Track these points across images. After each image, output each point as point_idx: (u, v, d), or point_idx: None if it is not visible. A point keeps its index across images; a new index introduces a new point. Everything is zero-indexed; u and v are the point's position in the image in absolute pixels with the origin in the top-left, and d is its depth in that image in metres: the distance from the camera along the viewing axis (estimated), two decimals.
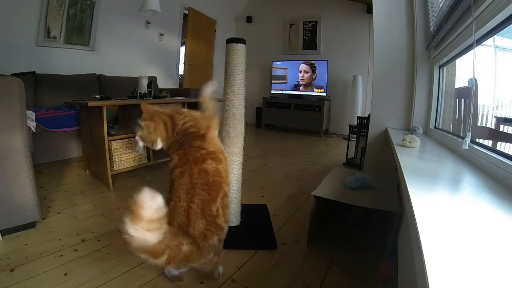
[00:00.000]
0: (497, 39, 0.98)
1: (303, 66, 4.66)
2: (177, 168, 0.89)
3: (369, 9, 4.14)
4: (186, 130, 0.93)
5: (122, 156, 1.91)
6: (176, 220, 0.83)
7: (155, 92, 2.29)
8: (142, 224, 0.63)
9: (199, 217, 0.82)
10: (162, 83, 4.05)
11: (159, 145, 0.96)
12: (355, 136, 2.68)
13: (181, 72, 4.76)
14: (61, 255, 1.10)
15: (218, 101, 1.12)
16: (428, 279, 0.30)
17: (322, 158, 2.99)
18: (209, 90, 1.03)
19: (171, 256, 0.71)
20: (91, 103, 1.70)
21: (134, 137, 1.00)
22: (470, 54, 1.18)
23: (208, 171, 0.87)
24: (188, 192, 0.83)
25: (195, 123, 0.95)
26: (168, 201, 0.84)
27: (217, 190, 0.87)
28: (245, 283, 1.00)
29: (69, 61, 3.09)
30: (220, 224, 0.88)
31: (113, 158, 1.85)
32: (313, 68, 4.57)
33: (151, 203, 0.63)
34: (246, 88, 1.33)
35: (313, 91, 4.60)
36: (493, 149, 0.87)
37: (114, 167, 1.86)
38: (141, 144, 0.98)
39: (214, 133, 1.00)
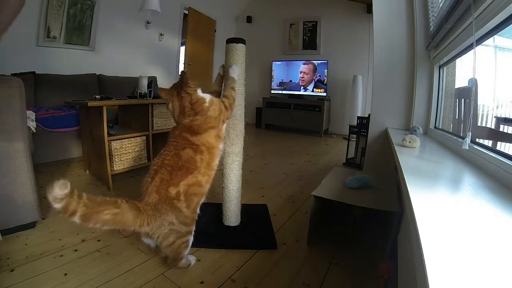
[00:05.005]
0: (497, 39, 0.98)
1: (303, 66, 4.66)
2: (164, 149, 1.01)
3: (369, 9, 4.14)
4: (190, 122, 1.01)
5: (122, 156, 1.91)
6: (143, 183, 0.97)
7: (155, 92, 2.28)
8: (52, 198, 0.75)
9: (154, 191, 0.93)
10: (162, 83, 4.04)
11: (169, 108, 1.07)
12: (355, 136, 2.68)
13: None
14: (61, 255, 1.10)
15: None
16: (428, 279, 0.30)
17: (322, 158, 2.99)
18: (235, 73, 1.15)
19: (86, 216, 0.78)
20: (91, 103, 1.70)
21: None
22: (470, 54, 1.18)
23: (181, 156, 0.97)
24: (155, 170, 0.96)
25: (201, 123, 1.02)
26: None
27: (182, 174, 0.96)
28: (245, 283, 1.00)
29: (69, 61, 3.09)
30: (178, 207, 0.95)
31: (113, 158, 1.85)
32: (313, 68, 4.57)
33: (55, 190, 0.73)
34: (246, 88, 1.33)
35: (313, 91, 4.60)
36: (493, 149, 0.87)
37: (114, 167, 1.86)
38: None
39: (212, 132, 1.04)
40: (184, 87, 1.01)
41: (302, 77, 4.68)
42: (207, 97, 1.05)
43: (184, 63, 4.64)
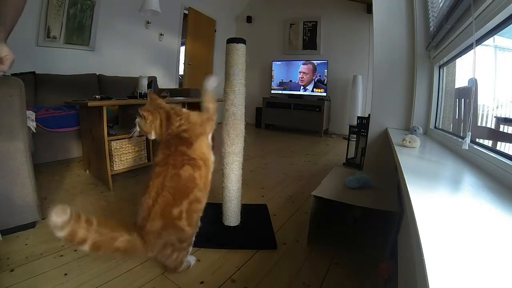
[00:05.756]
0: (497, 39, 0.98)
1: (302, 67, 4.66)
2: (158, 166, 0.95)
3: (369, 9, 4.14)
4: (178, 134, 0.97)
5: (122, 156, 1.91)
6: (139, 213, 0.90)
7: (155, 92, 2.28)
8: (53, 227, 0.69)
9: (158, 216, 0.88)
10: (162, 83, 4.05)
11: (153, 136, 1.02)
12: (355, 136, 2.68)
13: (181, 72, 4.76)
14: (61, 255, 1.10)
15: (218, 101, 1.13)
16: (428, 279, 0.30)
17: (322, 158, 2.99)
18: (212, 85, 1.06)
19: (97, 244, 0.74)
20: (91, 103, 1.70)
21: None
22: (470, 54, 1.18)
23: (181, 176, 0.93)
24: (157, 192, 0.90)
25: (189, 129, 0.98)
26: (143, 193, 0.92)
27: (184, 194, 0.93)
28: (245, 283, 1.00)
29: (69, 61, 3.09)
30: (181, 226, 0.93)
31: (113, 158, 1.85)
32: (312, 68, 4.57)
33: (53, 218, 0.68)
34: (246, 88, 1.33)
35: (313, 91, 4.60)
36: (493, 149, 0.87)
37: (114, 167, 1.86)
38: (137, 130, 1.03)
39: (204, 140, 1.03)
40: (157, 100, 1.03)
41: (301, 77, 4.68)
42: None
43: (184, 63, 4.64)
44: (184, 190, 0.94)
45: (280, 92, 4.93)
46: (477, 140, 1.02)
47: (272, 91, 4.99)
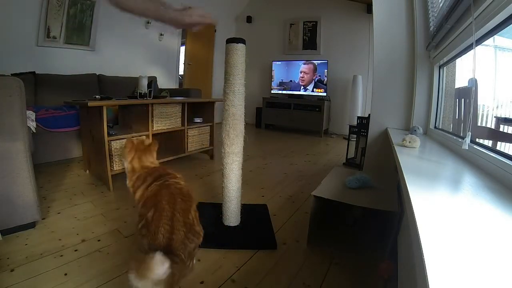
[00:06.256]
0: (497, 39, 0.98)
1: (303, 66, 4.66)
2: (152, 185, 0.93)
3: (369, 9, 4.14)
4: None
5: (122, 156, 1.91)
6: (159, 230, 0.80)
7: (155, 92, 2.28)
8: (147, 283, 0.64)
9: (181, 224, 0.84)
10: (162, 83, 4.05)
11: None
12: (355, 136, 2.68)
13: (181, 72, 4.76)
14: (61, 255, 1.10)
15: (217, 100, 1.14)
16: (428, 279, 0.30)
17: (322, 158, 2.99)
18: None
19: None
20: (91, 103, 1.70)
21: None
22: (470, 54, 1.18)
23: (180, 184, 0.94)
24: (170, 202, 0.86)
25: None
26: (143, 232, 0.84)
27: (191, 200, 0.92)
28: (245, 283, 1.00)
29: (69, 61, 3.09)
30: (198, 231, 0.91)
31: (113, 158, 1.85)
32: (313, 68, 4.57)
33: (160, 269, 0.62)
34: (246, 88, 1.33)
35: (313, 91, 4.60)
36: (493, 149, 0.87)
37: (114, 167, 1.86)
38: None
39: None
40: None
41: (302, 77, 4.68)
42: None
43: (184, 63, 4.65)
44: (189, 195, 0.92)
45: (280, 92, 4.93)
46: (477, 140, 1.02)
47: (272, 91, 4.99)
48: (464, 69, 1.37)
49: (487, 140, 1.03)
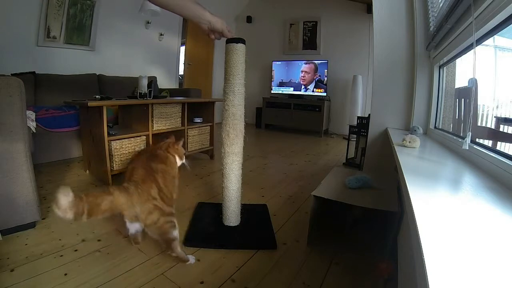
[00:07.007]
0: (497, 39, 0.98)
1: (304, 66, 4.66)
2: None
3: (369, 9, 4.14)
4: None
5: (122, 156, 1.91)
6: (128, 167, 1.11)
7: (155, 92, 2.28)
8: (61, 211, 0.77)
9: (140, 166, 1.06)
10: (162, 83, 4.05)
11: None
12: (355, 136, 2.67)
13: (181, 72, 4.76)
14: (61, 255, 1.10)
15: (217, 100, 1.19)
16: (428, 279, 0.30)
17: (322, 158, 2.99)
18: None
19: (89, 213, 0.83)
20: (91, 103, 1.70)
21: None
22: (470, 54, 1.18)
23: (158, 154, 1.16)
24: (137, 156, 1.17)
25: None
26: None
27: (158, 160, 1.12)
28: (245, 283, 1.00)
29: (69, 61, 3.09)
30: (158, 181, 1.05)
31: (113, 158, 1.85)
32: (314, 67, 4.57)
33: (63, 199, 0.76)
34: (246, 88, 1.33)
35: (313, 91, 4.60)
36: (493, 149, 0.87)
37: (114, 167, 1.86)
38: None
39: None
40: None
41: (303, 77, 4.68)
42: None
43: (184, 63, 4.64)
44: (158, 158, 1.13)
45: (280, 92, 4.93)
46: (477, 140, 1.02)
47: (272, 91, 4.99)
48: (464, 69, 1.37)
49: (487, 140, 1.03)
